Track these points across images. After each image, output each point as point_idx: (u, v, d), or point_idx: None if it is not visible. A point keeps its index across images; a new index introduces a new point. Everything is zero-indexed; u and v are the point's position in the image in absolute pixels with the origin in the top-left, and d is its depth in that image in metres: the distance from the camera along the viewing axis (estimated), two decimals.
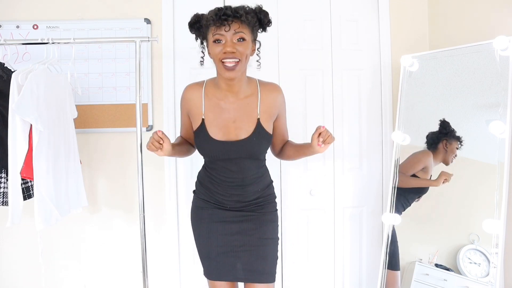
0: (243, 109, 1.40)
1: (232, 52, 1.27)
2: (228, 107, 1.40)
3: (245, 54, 1.30)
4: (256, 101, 1.42)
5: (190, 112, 1.45)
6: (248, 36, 1.30)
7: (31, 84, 1.55)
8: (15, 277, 2.15)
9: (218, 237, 1.46)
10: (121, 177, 2.15)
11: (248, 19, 1.29)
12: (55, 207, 1.63)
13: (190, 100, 1.44)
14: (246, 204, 1.46)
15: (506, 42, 1.52)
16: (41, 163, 1.58)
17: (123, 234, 2.17)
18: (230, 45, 1.27)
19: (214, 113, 1.40)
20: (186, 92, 1.45)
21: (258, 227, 1.46)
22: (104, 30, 2.10)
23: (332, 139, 1.31)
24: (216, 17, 1.26)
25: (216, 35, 1.28)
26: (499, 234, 1.47)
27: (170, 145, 1.34)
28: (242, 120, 1.40)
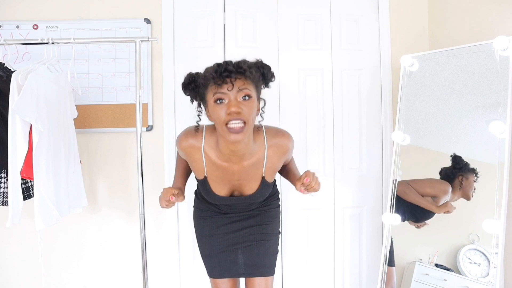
0: (248, 170, 1.33)
1: (238, 112, 1.14)
2: (232, 169, 1.33)
3: (251, 115, 1.18)
4: (262, 162, 1.34)
5: (190, 164, 1.39)
6: (253, 93, 1.19)
7: (31, 84, 1.55)
8: (15, 277, 2.15)
9: (220, 236, 1.47)
10: (121, 177, 2.15)
11: (252, 73, 1.18)
12: (55, 207, 1.62)
13: (187, 154, 1.35)
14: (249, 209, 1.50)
15: (506, 42, 1.52)
16: (41, 163, 1.58)
17: (123, 234, 2.17)
18: (234, 104, 1.14)
19: (217, 172, 1.34)
20: (181, 145, 1.33)
21: (260, 224, 1.47)
22: (104, 30, 2.11)
23: (316, 189, 1.27)
24: (217, 74, 1.14)
25: (217, 94, 1.15)
26: (499, 234, 1.47)
27: (182, 194, 1.35)
28: (246, 179, 1.36)
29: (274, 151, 1.33)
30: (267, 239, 1.48)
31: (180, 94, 2.24)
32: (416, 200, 1.79)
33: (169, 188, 1.31)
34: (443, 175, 1.74)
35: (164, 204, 1.31)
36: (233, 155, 1.27)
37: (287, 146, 1.35)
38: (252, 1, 2.14)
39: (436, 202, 1.73)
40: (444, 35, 2.10)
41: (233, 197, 1.40)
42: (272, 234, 1.50)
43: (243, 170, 1.32)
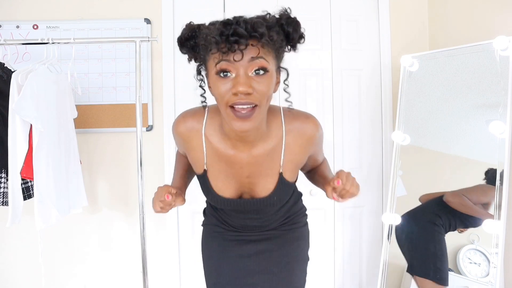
0: (261, 162, 1.01)
1: (248, 93, 0.83)
2: (240, 160, 1.01)
3: (266, 94, 0.86)
4: (280, 151, 1.01)
5: (188, 155, 1.09)
6: (271, 65, 0.86)
7: (31, 84, 1.55)
8: (15, 277, 2.15)
9: (231, 260, 1.14)
10: (121, 177, 2.15)
11: (273, 38, 0.85)
12: (55, 207, 1.62)
13: (185, 139, 1.04)
14: (267, 228, 1.17)
15: (506, 42, 1.52)
16: (41, 163, 1.58)
17: (123, 234, 2.17)
18: (244, 81, 0.82)
19: (220, 165, 1.03)
20: (179, 127, 1.04)
21: (281, 247, 1.14)
22: (104, 30, 2.10)
23: (354, 194, 0.93)
24: (222, 38, 0.81)
25: (221, 63, 0.84)
26: (499, 234, 1.47)
27: (182, 195, 1.03)
28: (259, 176, 1.03)
29: (294, 137, 1.01)
30: (291, 269, 1.13)
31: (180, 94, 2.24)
32: (475, 212, 1.63)
33: (164, 186, 1.00)
34: (490, 175, 1.57)
35: (158, 207, 0.98)
36: (241, 140, 0.98)
37: (312, 133, 1.02)
38: (251, 1, 2.14)
39: (486, 208, 1.60)
40: (444, 35, 2.10)
41: (242, 200, 1.07)
42: (299, 261, 1.16)
43: (254, 162, 1.01)
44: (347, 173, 0.93)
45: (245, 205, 1.07)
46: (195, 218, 2.13)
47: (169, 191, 0.98)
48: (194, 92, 1.01)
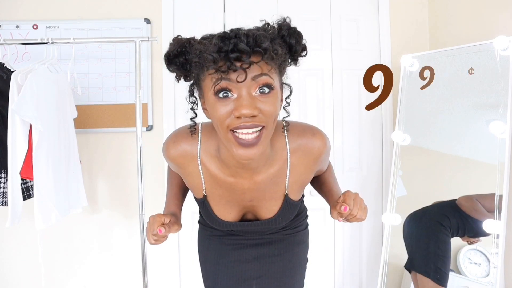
0: (264, 187, 0.94)
1: (253, 115, 0.73)
2: (242, 187, 0.93)
3: (274, 114, 0.76)
4: (284, 174, 0.93)
5: (184, 179, 1.00)
6: (276, 81, 0.78)
7: (31, 84, 1.55)
8: (15, 277, 2.15)
9: (229, 265, 1.09)
10: (121, 177, 2.15)
11: (278, 52, 0.76)
12: (55, 207, 1.62)
13: (181, 168, 0.95)
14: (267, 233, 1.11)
15: (506, 42, 1.51)
16: (41, 163, 1.58)
17: (123, 234, 2.17)
18: (248, 103, 0.72)
19: (220, 191, 0.95)
20: (171, 156, 0.94)
21: (282, 252, 1.09)
22: (104, 30, 2.10)
23: (361, 219, 0.87)
24: (220, 55, 0.71)
25: (222, 82, 0.73)
26: (499, 234, 1.47)
27: (177, 222, 1.00)
28: (262, 200, 0.96)
29: (300, 157, 0.92)
30: (291, 275, 1.09)
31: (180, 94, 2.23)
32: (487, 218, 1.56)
33: (157, 216, 0.90)
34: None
35: (152, 239, 0.90)
36: (242, 168, 0.89)
37: (319, 151, 0.92)
38: (252, 1, 2.14)
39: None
40: (444, 35, 2.10)
41: (245, 223, 1.00)
42: (298, 266, 1.12)
43: (257, 188, 0.93)
44: (354, 195, 0.85)
45: (249, 227, 1.01)
46: (195, 218, 2.13)
47: (162, 222, 0.89)
48: None
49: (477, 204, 1.60)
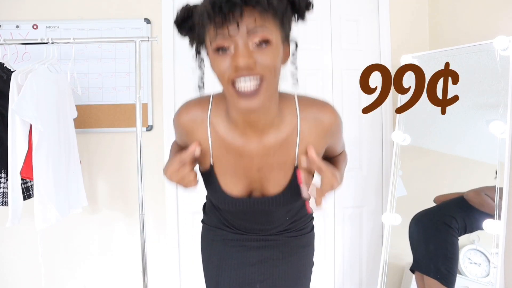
0: (273, 154, 0.91)
1: (249, 68, 0.74)
2: (249, 151, 0.90)
3: (272, 67, 0.76)
4: (294, 141, 0.90)
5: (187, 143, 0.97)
6: (275, 35, 0.76)
7: (31, 84, 1.55)
8: (15, 277, 2.15)
9: (232, 268, 1.06)
10: (121, 177, 2.15)
11: (273, 4, 0.73)
12: (55, 207, 1.62)
13: (188, 132, 0.94)
14: (271, 232, 1.08)
15: (506, 42, 1.51)
16: (41, 163, 1.58)
17: (123, 234, 2.17)
18: (244, 54, 0.73)
19: (228, 158, 0.93)
20: (181, 117, 0.94)
21: (287, 256, 1.07)
22: (104, 30, 2.10)
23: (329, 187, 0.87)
24: (214, 10, 0.72)
25: (217, 39, 0.75)
26: (499, 234, 1.47)
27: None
28: (271, 169, 0.93)
29: (310, 126, 0.90)
30: (297, 278, 1.08)
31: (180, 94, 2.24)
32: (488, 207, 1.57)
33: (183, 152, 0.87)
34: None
35: (178, 174, 0.86)
36: (250, 126, 0.87)
37: (329, 122, 0.91)
38: None
39: None
40: (444, 35, 2.10)
41: (252, 199, 0.96)
42: (304, 270, 1.10)
43: (266, 153, 0.90)
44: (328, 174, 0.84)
45: (255, 204, 0.96)
46: (195, 218, 2.13)
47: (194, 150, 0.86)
48: (194, 90, 0.92)
49: (487, 199, 1.58)
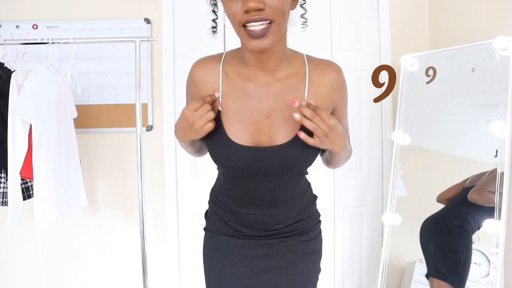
0: (283, 96, 0.93)
1: (259, 8, 0.78)
2: (259, 92, 0.93)
3: (280, 9, 0.81)
4: (303, 86, 0.94)
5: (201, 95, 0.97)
6: None
7: (31, 84, 1.55)
8: (15, 277, 2.15)
9: (234, 277, 1.01)
10: (121, 177, 2.15)
11: None
12: (55, 207, 1.62)
13: (201, 82, 0.97)
14: (275, 232, 1.02)
15: (506, 42, 1.51)
16: (41, 163, 1.58)
17: (123, 234, 2.17)
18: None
19: (237, 102, 0.93)
20: (196, 69, 0.99)
21: (292, 264, 1.01)
22: (104, 30, 2.10)
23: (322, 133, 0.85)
24: None
25: None
26: (499, 234, 1.47)
27: None
28: (280, 115, 0.92)
29: (318, 75, 0.95)
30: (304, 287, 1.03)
31: (180, 94, 2.23)
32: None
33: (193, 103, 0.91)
34: None
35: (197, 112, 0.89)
36: (262, 67, 0.92)
37: (336, 78, 0.97)
38: None
39: None
40: (444, 35, 2.10)
41: (259, 148, 0.91)
42: (310, 279, 1.06)
43: (276, 94, 0.93)
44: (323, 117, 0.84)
45: (262, 154, 0.91)
46: (196, 218, 2.13)
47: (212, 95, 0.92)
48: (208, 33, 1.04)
49: (491, 196, 1.55)
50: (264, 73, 0.93)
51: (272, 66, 0.92)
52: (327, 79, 0.95)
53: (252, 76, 0.94)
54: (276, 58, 0.92)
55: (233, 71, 0.95)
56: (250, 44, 0.83)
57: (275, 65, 0.93)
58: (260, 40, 0.82)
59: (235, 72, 0.95)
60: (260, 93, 0.93)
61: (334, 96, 0.97)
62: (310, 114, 0.83)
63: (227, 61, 0.97)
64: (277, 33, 0.83)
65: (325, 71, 0.96)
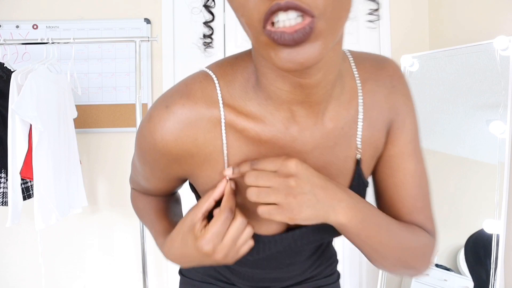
0: (333, 146, 0.54)
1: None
2: (302, 143, 0.52)
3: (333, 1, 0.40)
4: (355, 121, 0.55)
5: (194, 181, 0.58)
6: None
7: (31, 84, 1.55)
8: (15, 278, 2.15)
9: None
10: (121, 177, 2.15)
11: None
12: (55, 207, 1.62)
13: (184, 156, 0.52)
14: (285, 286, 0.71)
15: (507, 42, 1.51)
16: (41, 163, 1.58)
17: (123, 234, 2.17)
18: None
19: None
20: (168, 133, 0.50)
21: None
22: (104, 30, 2.10)
23: None
24: None
25: None
26: (499, 234, 1.47)
27: None
28: (329, 173, 0.56)
29: (371, 90, 0.55)
30: None
31: None
32: None
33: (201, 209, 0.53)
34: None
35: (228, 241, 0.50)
36: (301, 100, 0.49)
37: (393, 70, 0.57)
38: None
39: None
40: (444, 35, 2.09)
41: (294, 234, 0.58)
42: None
43: (325, 144, 0.53)
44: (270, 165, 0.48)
45: (297, 241, 0.58)
46: None
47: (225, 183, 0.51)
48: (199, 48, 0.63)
49: None
50: (306, 112, 0.50)
51: (321, 97, 0.49)
52: (382, 88, 0.56)
53: (286, 120, 0.50)
54: (329, 83, 0.48)
55: (243, 117, 0.50)
56: (280, 57, 0.40)
57: (326, 94, 0.49)
58: (300, 48, 0.39)
59: (252, 116, 0.50)
60: (302, 148, 0.52)
61: (390, 108, 0.57)
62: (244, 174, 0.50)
63: (228, 96, 0.51)
64: (330, 35, 0.42)
65: (378, 77, 0.56)
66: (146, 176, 0.61)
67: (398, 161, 0.60)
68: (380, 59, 0.59)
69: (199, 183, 0.57)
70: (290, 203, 0.46)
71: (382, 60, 0.59)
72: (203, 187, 0.57)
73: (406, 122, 0.59)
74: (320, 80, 0.47)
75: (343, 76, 0.54)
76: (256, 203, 0.49)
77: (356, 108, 0.54)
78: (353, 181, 0.57)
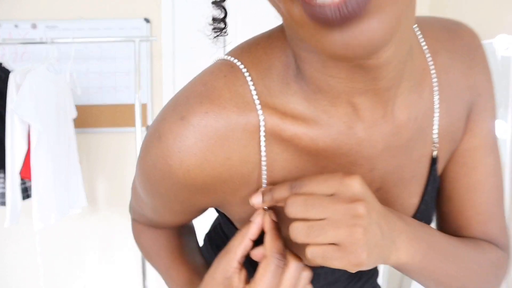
0: (405, 145, 0.40)
1: None
2: (370, 145, 0.38)
3: None
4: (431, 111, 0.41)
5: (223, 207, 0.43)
6: None
7: (30, 84, 1.55)
8: (14, 278, 2.14)
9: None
10: (120, 177, 2.14)
11: None
12: (54, 208, 1.62)
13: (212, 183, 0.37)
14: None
15: (508, 41, 1.51)
16: (40, 163, 1.58)
17: (122, 234, 2.16)
18: None
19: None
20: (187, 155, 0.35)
21: None
22: (103, 29, 2.10)
23: None
24: None
25: None
26: None
27: None
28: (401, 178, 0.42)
29: (446, 63, 0.41)
30: None
31: None
32: None
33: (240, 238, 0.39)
34: None
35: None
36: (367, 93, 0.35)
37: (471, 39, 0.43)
38: (252, 1, 2.14)
39: None
40: None
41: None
42: None
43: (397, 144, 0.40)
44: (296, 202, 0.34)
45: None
46: None
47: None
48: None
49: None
50: (371, 101, 0.37)
51: (391, 81, 0.36)
52: (458, 60, 0.42)
53: (345, 117, 0.37)
54: (401, 60, 0.35)
55: (290, 119, 0.37)
56: (331, 40, 0.26)
57: (398, 75, 0.36)
58: (355, 26, 0.25)
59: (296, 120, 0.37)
60: (370, 150, 0.39)
61: (472, 99, 0.44)
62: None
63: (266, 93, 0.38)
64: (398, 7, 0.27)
65: (454, 46, 0.42)
66: (156, 209, 0.46)
67: (477, 156, 0.46)
68: (451, 23, 0.44)
69: (234, 212, 0.42)
70: (357, 241, 0.31)
71: (454, 24, 0.44)
72: (239, 216, 0.42)
73: (488, 105, 0.45)
74: (390, 58, 0.32)
75: (415, 62, 0.39)
76: None
77: (429, 91, 0.41)
78: (427, 186, 0.44)
